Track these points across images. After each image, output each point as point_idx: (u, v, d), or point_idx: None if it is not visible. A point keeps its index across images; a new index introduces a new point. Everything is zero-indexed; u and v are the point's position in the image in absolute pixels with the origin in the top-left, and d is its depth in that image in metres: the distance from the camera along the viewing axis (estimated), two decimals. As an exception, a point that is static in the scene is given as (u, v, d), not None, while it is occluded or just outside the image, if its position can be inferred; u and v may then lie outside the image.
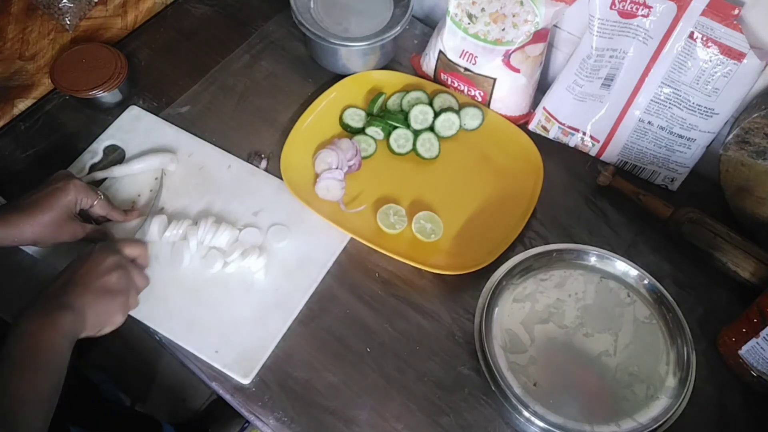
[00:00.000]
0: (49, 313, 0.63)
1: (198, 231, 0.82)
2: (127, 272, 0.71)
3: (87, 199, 0.77)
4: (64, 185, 0.74)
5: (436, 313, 0.80)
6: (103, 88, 0.91)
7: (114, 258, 0.70)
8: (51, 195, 0.74)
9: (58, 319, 0.63)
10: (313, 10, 0.97)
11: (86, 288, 0.67)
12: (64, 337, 0.63)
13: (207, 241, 0.82)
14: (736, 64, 0.76)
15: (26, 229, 0.72)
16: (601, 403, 0.73)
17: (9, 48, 0.98)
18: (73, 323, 0.64)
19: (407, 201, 0.87)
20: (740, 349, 0.74)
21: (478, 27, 0.88)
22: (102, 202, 0.79)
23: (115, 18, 1.03)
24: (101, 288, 0.67)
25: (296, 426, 0.72)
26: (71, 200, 0.75)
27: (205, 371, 0.76)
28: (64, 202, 0.74)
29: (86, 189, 0.77)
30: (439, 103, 0.94)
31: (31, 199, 0.73)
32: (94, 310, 0.66)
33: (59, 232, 0.75)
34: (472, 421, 0.73)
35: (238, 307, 0.79)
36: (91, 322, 0.66)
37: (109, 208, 0.80)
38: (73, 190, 0.75)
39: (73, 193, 0.75)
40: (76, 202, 0.75)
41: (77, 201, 0.76)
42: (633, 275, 0.81)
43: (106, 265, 0.69)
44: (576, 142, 0.93)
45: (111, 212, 0.80)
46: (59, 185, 0.74)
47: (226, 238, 0.82)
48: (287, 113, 0.96)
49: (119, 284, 0.69)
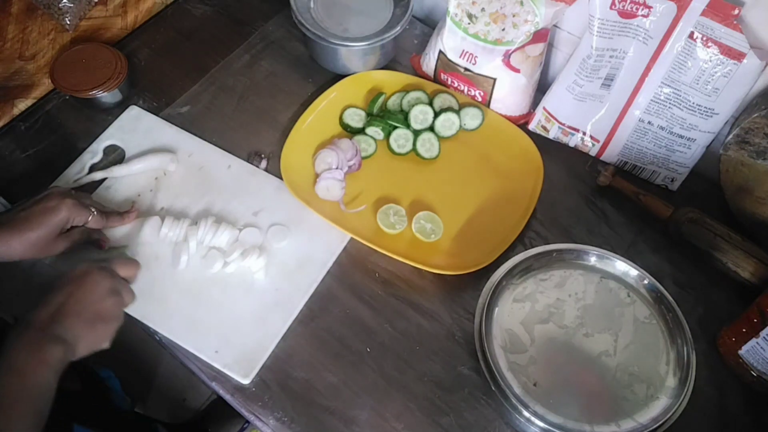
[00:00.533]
0: (40, 348, 0.61)
1: (198, 231, 0.82)
2: (120, 298, 0.69)
3: (79, 218, 0.76)
4: (57, 205, 0.73)
5: (436, 313, 0.80)
6: (103, 88, 0.91)
7: (108, 283, 0.68)
8: (42, 214, 0.72)
9: (49, 353, 0.61)
10: (313, 10, 0.97)
11: (79, 317, 0.65)
12: (55, 372, 0.61)
13: (207, 241, 0.82)
14: (736, 64, 0.76)
15: (14, 246, 0.71)
16: (601, 403, 0.73)
17: (9, 48, 0.98)
18: (64, 355, 0.62)
19: (407, 201, 0.87)
20: (740, 349, 0.74)
21: (478, 27, 0.88)
22: (95, 218, 0.77)
23: (115, 18, 1.03)
24: (95, 316, 0.66)
25: (296, 426, 0.72)
26: (63, 219, 0.74)
27: (205, 371, 0.76)
28: (55, 222, 0.73)
29: (79, 207, 0.75)
30: (439, 103, 0.94)
31: (20, 216, 0.72)
32: (86, 339, 0.65)
33: (47, 249, 0.74)
34: (472, 421, 0.73)
35: (238, 307, 0.79)
36: (81, 350, 0.65)
37: (103, 221, 0.79)
38: (65, 210, 0.73)
39: (65, 213, 0.73)
40: (68, 221, 0.74)
41: (69, 220, 0.74)
42: (633, 275, 0.81)
43: (100, 291, 0.67)
44: (576, 142, 0.93)
45: (107, 224, 0.79)
46: (52, 204, 0.73)
47: (226, 238, 0.82)
48: (287, 113, 0.96)
49: (113, 312, 0.68)
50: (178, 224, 0.82)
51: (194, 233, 0.82)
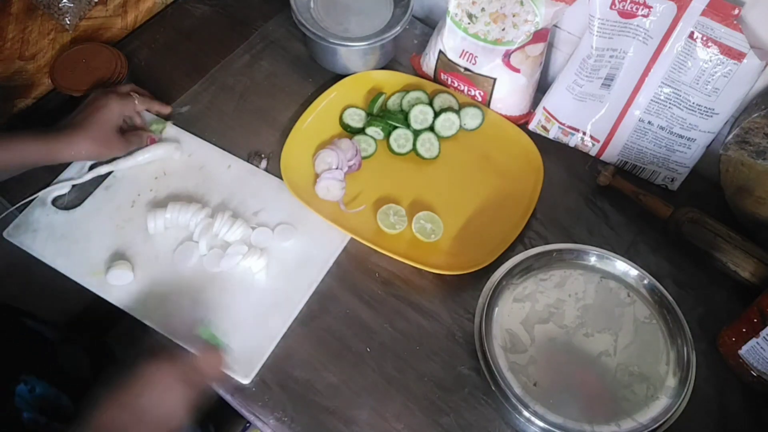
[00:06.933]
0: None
1: (214, 224, 0.82)
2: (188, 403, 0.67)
3: (128, 106, 0.84)
4: (105, 102, 0.82)
5: (436, 313, 0.80)
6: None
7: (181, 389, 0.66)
8: (97, 111, 0.81)
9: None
10: (313, 10, 0.97)
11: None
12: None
13: (222, 234, 0.82)
14: (736, 64, 0.76)
15: (82, 145, 0.80)
16: (601, 403, 0.73)
17: (9, 48, 0.98)
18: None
19: (407, 201, 0.87)
20: (740, 349, 0.74)
21: (478, 27, 0.88)
22: (141, 99, 0.87)
23: (115, 18, 1.03)
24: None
25: (296, 426, 0.72)
26: (115, 112, 0.82)
27: (205, 371, 0.76)
28: (110, 116, 0.82)
29: (124, 97, 0.84)
30: (439, 103, 0.94)
31: (78, 118, 0.81)
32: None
33: (110, 146, 0.83)
34: (472, 421, 0.73)
35: (238, 307, 0.79)
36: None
37: (149, 102, 0.89)
38: (114, 103, 0.82)
39: (115, 105, 0.82)
40: (120, 112, 0.83)
41: (121, 111, 0.83)
42: (633, 275, 0.81)
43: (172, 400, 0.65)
44: (576, 142, 0.93)
45: (151, 105, 0.89)
46: (101, 102, 0.82)
47: (240, 234, 0.82)
48: (287, 113, 0.96)
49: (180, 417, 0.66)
50: (184, 217, 0.82)
51: (208, 228, 0.82)
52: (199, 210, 0.83)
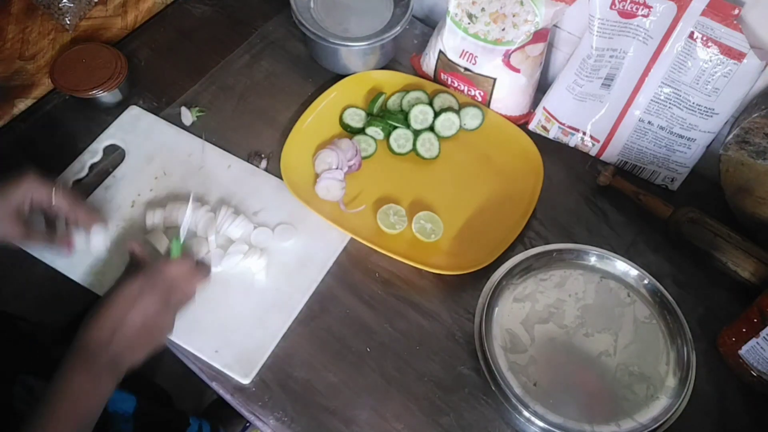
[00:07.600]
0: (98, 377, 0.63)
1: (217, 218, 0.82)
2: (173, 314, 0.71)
3: (39, 193, 0.73)
4: (17, 178, 0.72)
5: (436, 313, 0.80)
6: (103, 88, 0.91)
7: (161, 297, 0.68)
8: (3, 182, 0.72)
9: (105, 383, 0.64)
10: (313, 10, 0.97)
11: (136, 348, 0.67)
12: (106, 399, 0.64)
13: (224, 229, 0.82)
14: (736, 64, 0.76)
15: None
16: (601, 403, 0.73)
17: (9, 48, 0.98)
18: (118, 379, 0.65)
19: (407, 201, 0.87)
20: (740, 349, 0.74)
21: (478, 27, 0.88)
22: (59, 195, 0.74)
23: (115, 18, 1.03)
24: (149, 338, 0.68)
25: (296, 426, 0.72)
26: (20, 191, 0.72)
27: (205, 371, 0.76)
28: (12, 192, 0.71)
29: (41, 182, 0.73)
30: (439, 103, 0.94)
31: None
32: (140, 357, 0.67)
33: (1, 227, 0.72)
34: (472, 421, 0.73)
35: (238, 307, 0.79)
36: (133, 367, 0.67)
37: (67, 204, 0.75)
38: (26, 181, 0.72)
39: (24, 184, 0.72)
40: (25, 194, 0.72)
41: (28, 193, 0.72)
42: (633, 275, 0.81)
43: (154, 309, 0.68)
44: (576, 142, 0.93)
45: (76, 210, 0.76)
46: (14, 178, 0.72)
47: (242, 230, 0.82)
48: (287, 113, 0.96)
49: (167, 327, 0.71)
50: (183, 215, 0.82)
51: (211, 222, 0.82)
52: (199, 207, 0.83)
